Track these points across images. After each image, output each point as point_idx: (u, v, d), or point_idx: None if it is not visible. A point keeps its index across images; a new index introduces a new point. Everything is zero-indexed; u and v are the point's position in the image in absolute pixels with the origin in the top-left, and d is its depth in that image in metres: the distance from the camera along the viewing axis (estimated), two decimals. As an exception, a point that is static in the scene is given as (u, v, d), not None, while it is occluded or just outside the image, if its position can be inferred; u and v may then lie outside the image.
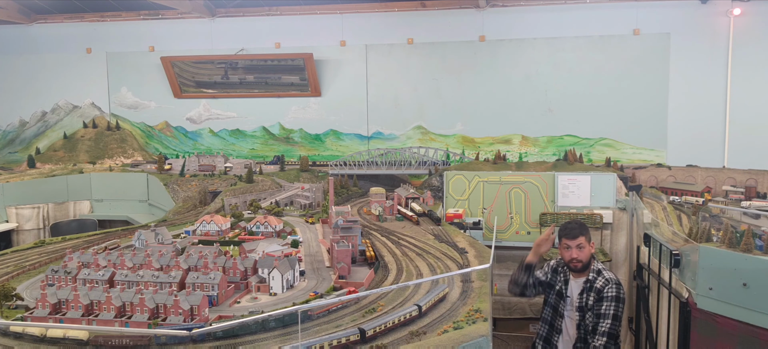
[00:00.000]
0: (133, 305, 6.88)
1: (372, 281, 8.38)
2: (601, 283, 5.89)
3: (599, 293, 5.80)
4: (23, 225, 14.79)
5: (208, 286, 7.46)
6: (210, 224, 11.10)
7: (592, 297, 5.83)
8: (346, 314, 6.45)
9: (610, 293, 5.79)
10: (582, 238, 5.99)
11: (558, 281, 6.25)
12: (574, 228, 6.04)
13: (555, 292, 6.24)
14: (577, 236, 5.98)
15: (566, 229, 6.07)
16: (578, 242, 5.98)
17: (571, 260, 6.04)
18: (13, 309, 7.29)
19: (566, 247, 6.06)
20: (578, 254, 5.96)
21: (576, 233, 6.00)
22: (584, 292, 5.91)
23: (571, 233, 6.02)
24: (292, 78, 17.02)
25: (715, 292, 6.67)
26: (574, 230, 6.02)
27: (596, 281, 5.92)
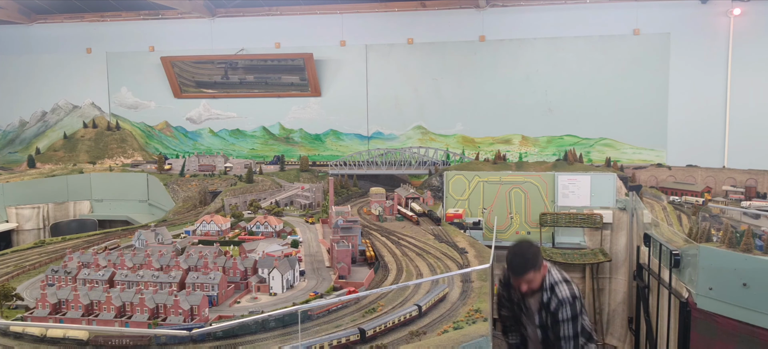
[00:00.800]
0: (133, 305, 6.89)
1: (372, 281, 8.39)
2: (554, 305, 5.31)
3: (554, 316, 5.30)
4: (23, 225, 14.79)
5: (208, 286, 7.46)
6: (210, 224, 11.10)
7: (550, 319, 5.35)
8: (346, 314, 6.45)
9: (564, 315, 5.27)
10: (530, 273, 5.25)
11: (514, 294, 5.60)
12: (519, 265, 5.24)
13: (514, 304, 5.67)
14: (523, 274, 5.24)
15: (511, 266, 5.32)
16: (526, 279, 5.27)
17: (523, 292, 5.44)
18: (13, 309, 7.29)
19: (515, 281, 5.42)
20: (528, 286, 5.32)
21: (521, 271, 5.24)
22: (541, 310, 5.42)
23: (517, 270, 5.26)
24: (292, 78, 17.01)
25: (715, 292, 6.67)
26: (519, 268, 5.24)
27: (550, 302, 5.35)
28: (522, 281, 5.26)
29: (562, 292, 5.30)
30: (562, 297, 5.29)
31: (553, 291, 5.32)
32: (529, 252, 5.26)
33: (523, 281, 5.26)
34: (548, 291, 5.34)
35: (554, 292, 5.32)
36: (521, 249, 5.30)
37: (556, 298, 5.30)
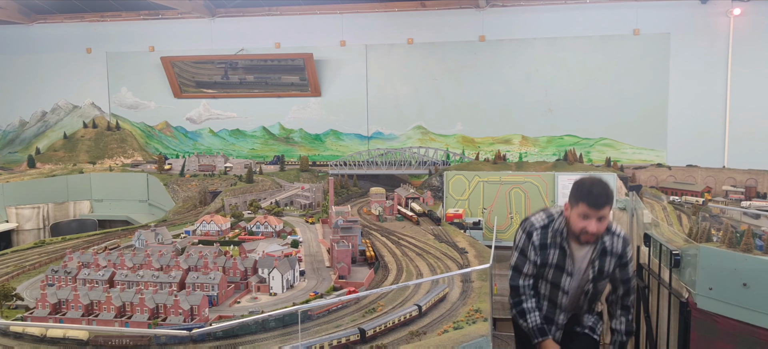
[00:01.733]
0: (133, 305, 6.89)
1: (372, 281, 8.39)
2: (621, 245, 4.56)
3: (621, 258, 4.57)
4: (23, 225, 14.79)
5: (208, 286, 7.46)
6: (210, 224, 11.10)
7: (613, 263, 4.57)
8: (346, 314, 6.45)
9: (629, 252, 4.62)
10: (607, 208, 4.31)
11: (551, 255, 4.64)
12: (601, 195, 4.26)
13: (552, 267, 4.66)
14: (602, 206, 4.26)
15: (590, 195, 4.28)
16: (601, 214, 4.31)
17: (584, 233, 4.39)
18: (13, 309, 7.29)
19: (584, 216, 4.37)
20: (597, 227, 4.34)
21: (602, 201, 4.25)
22: (597, 259, 4.55)
23: (597, 201, 4.26)
24: (292, 78, 17.01)
25: (715, 292, 6.67)
26: (601, 198, 4.25)
27: (613, 243, 4.56)
28: (596, 217, 4.32)
29: (621, 230, 4.63)
30: (618, 231, 4.61)
31: (612, 231, 4.60)
32: (609, 185, 4.34)
33: (597, 217, 4.33)
34: (608, 234, 4.58)
35: (614, 232, 4.60)
36: (602, 180, 4.37)
37: (618, 237, 4.59)
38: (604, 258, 4.58)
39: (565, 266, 4.62)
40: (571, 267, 4.64)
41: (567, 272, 4.64)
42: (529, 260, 4.71)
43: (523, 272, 4.75)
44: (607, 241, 4.55)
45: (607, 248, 4.56)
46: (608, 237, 4.56)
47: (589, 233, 4.35)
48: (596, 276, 4.63)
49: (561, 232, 4.60)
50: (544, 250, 4.64)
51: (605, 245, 4.55)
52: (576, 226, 4.42)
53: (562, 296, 4.75)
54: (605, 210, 4.29)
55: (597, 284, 4.71)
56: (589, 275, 4.65)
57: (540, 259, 4.65)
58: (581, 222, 4.37)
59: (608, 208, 4.31)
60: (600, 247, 4.54)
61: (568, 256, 4.60)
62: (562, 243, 4.58)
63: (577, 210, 4.38)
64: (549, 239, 4.64)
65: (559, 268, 4.65)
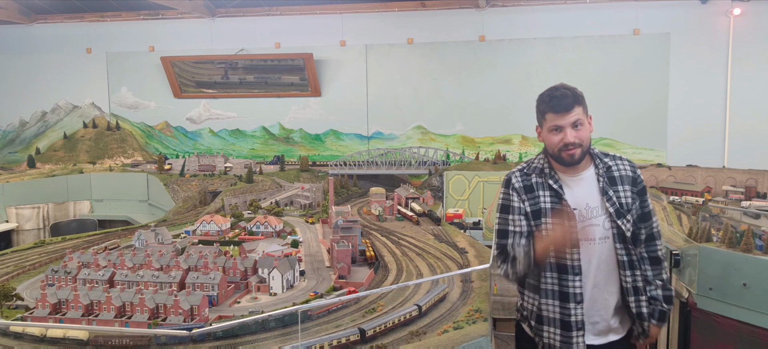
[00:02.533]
0: (133, 305, 6.89)
1: (372, 281, 8.39)
2: (620, 166, 3.67)
3: (634, 181, 3.62)
4: (23, 225, 14.79)
5: (208, 286, 7.46)
6: (210, 224, 11.10)
7: (629, 191, 3.57)
8: (346, 314, 6.46)
9: (641, 175, 3.72)
10: (578, 108, 3.53)
11: (542, 198, 3.59)
12: (565, 96, 3.54)
13: (548, 215, 3.53)
14: (570, 107, 3.49)
15: (553, 99, 3.55)
16: (574, 118, 3.51)
17: (565, 146, 3.51)
18: (13, 309, 7.29)
19: (555, 128, 3.56)
20: (575, 134, 3.49)
21: (569, 102, 3.50)
22: (609, 188, 3.55)
23: (560, 103, 3.51)
24: (292, 78, 17.01)
25: (715, 292, 6.67)
26: (566, 99, 3.52)
27: (616, 167, 3.67)
28: (568, 123, 3.47)
29: (621, 156, 3.78)
30: (618, 155, 3.77)
31: (612, 156, 3.76)
32: (571, 86, 3.63)
33: (569, 123, 3.48)
34: (602, 159, 3.69)
35: (614, 156, 3.76)
36: (563, 84, 3.67)
37: (621, 160, 3.72)
38: (616, 186, 3.56)
39: (563, 209, 3.50)
40: (572, 210, 3.48)
41: (568, 218, 3.49)
42: (514, 213, 3.59)
43: (510, 230, 3.59)
44: (610, 164, 3.65)
45: (616, 172, 3.62)
46: (610, 160, 3.68)
47: (569, 144, 3.44)
48: (619, 211, 3.49)
49: (543, 168, 3.64)
50: (531, 192, 3.59)
51: (611, 169, 3.62)
52: (553, 146, 3.53)
53: (575, 257, 3.44)
54: (576, 111, 3.47)
55: (623, 232, 3.49)
56: (607, 213, 3.50)
57: (529, 205, 3.56)
58: (556, 137, 3.49)
59: (580, 108, 3.49)
60: (605, 172, 3.59)
61: (564, 190, 3.54)
62: (549, 178, 3.57)
63: (547, 126, 3.57)
64: (533, 179, 3.62)
65: (553, 204, 3.53)
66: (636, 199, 3.62)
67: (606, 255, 3.54)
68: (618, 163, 3.69)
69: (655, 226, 3.71)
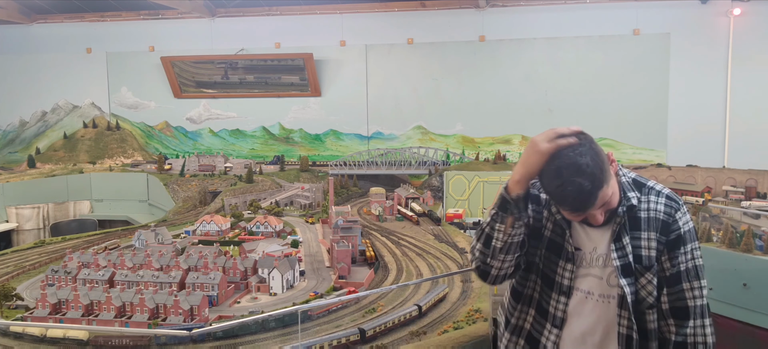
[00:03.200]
0: (133, 305, 6.89)
1: (372, 281, 8.39)
2: (653, 205, 2.60)
3: (668, 228, 2.56)
4: (23, 225, 14.79)
5: (208, 286, 7.46)
6: (210, 224, 11.10)
7: (656, 240, 2.56)
8: (346, 314, 6.46)
9: (684, 220, 2.58)
10: (600, 195, 2.46)
11: (546, 219, 2.75)
12: (581, 195, 2.44)
13: (544, 243, 2.75)
14: (589, 206, 2.47)
15: (565, 201, 2.49)
16: (600, 205, 2.51)
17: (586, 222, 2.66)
18: (13, 309, 7.29)
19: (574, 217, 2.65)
20: (598, 218, 2.55)
21: (586, 200, 2.45)
22: (624, 234, 2.58)
23: (576, 206, 2.48)
24: (292, 78, 17.01)
25: (715, 292, 6.66)
26: (581, 198, 2.44)
27: (647, 203, 2.61)
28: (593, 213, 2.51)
29: (662, 187, 2.67)
30: (670, 193, 2.63)
31: (647, 185, 2.65)
32: (591, 161, 2.46)
33: (594, 213, 2.52)
34: (626, 192, 2.60)
35: (650, 187, 2.65)
36: (579, 169, 2.42)
37: (658, 195, 2.61)
38: (637, 231, 2.54)
39: (564, 245, 2.65)
40: (575, 250, 2.63)
41: (567, 258, 2.63)
42: None
43: None
44: (635, 201, 2.54)
45: (641, 212, 2.55)
46: (638, 195, 2.58)
47: (594, 221, 2.53)
48: (628, 268, 2.53)
49: None
50: (538, 204, 2.73)
51: (635, 208, 2.56)
52: None
53: (560, 307, 2.67)
54: (598, 202, 2.44)
55: (637, 295, 2.57)
56: (613, 266, 2.54)
57: (532, 214, 2.70)
58: (575, 217, 2.57)
59: (603, 193, 2.43)
60: (626, 211, 2.55)
61: (570, 229, 2.63)
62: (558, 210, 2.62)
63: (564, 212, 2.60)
64: (542, 194, 2.74)
65: (555, 247, 2.67)
66: (662, 251, 2.52)
67: (605, 319, 2.60)
68: (650, 199, 2.57)
69: (699, 303, 2.58)
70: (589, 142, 2.56)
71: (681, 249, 2.55)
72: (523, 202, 2.55)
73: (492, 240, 2.61)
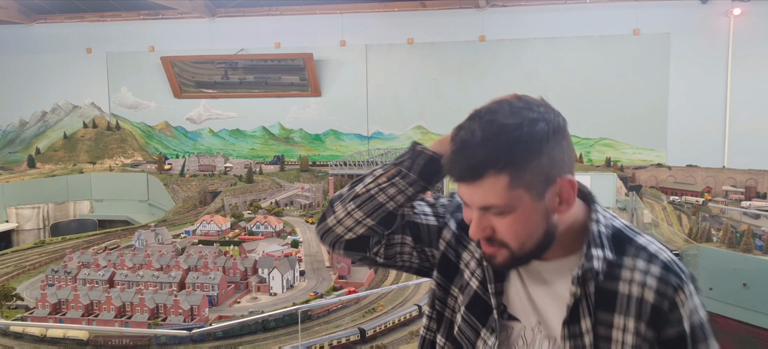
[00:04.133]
0: (133, 305, 6.89)
1: (372, 281, 8.39)
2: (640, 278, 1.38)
3: (657, 318, 1.38)
4: (23, 225, 14.78)
5: (208, 286, 7.46)
6: (210, 224, 11.10)
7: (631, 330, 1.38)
8: (346, 314, 6.46)
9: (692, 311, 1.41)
10: (499, 177, 1.30)
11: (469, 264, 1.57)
12: (461, 145, 1.36)
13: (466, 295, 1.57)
14: (475, 177, 1.32)
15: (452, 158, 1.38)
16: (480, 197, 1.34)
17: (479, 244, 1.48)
18: (13, 309, 7.29)
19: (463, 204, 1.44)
20: (483, 228, 1.37)
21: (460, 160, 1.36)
22: (583, 312, 1.40)
23: (452, 157, 1.39)
24: (292, 78, 17.00)
25: (715, 292, 6.66)
26: (457, 152, 1.37)
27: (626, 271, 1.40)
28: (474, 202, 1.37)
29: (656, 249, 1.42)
30: (669, 259, 1.43)
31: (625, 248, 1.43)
32: (507, 120, 1.34)
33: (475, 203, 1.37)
34: (595, 245, 1.40)
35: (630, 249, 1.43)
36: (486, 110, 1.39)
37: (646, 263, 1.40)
38: (607, 313, 1.42)
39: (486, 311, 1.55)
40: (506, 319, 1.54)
41: (491, 328, 1.53)
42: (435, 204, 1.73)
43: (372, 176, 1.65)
44: (596, 262, 1.39)
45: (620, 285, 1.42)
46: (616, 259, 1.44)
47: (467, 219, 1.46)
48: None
49: None
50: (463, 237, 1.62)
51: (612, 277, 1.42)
52: None
53: None
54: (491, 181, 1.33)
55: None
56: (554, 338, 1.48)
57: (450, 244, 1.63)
58: (467, 213, 1.48)
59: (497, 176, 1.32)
60: (593, 277, 1.41)
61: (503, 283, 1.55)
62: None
63: None
64: None
65: (478, 308, 1.56)
66: None
67: None
68: (637, 265, 1.44)
69: None
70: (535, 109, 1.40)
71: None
72: (428, 163, 1.57)
73: (358, 184, 1.63)
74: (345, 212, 1.63)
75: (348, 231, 1.62)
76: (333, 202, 1.69)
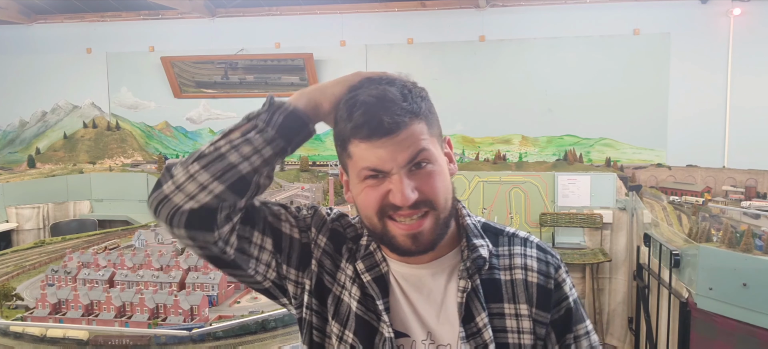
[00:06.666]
0: (133, 305, 6.88)
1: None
2: (521, 260, 1.51)
3: (544, 296, 1.49)
4: (23, 225, 14.79)
5: (208, 286, 7.46)
6: (210, 224, 11.09)
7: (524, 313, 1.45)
8: (346, 314, 6.45)
9: (571, 287, 1.56)
10: (418, 124, 1.44)
11: (345, 282, 1.51)
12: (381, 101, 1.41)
13: (348, 319, 1.47)
14: (400, 127, 1.38)
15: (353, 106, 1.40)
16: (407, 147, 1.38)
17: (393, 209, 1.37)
18: (13, 309, 7.29)
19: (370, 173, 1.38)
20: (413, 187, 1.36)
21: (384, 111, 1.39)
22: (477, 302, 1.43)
23: (367, 113, 1.37)
24: (292, 78, 17.01)
25: (715, 292, 6.67)
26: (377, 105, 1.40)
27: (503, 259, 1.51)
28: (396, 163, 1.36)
29: (525, 234, 1.61)
30: (541, 243, 1.59)
31: (498, 237, 1.56)
32: (406, 82, 1.70)
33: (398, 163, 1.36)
34: (473, 239, 1.49)
35: (502, 238, 1.56)
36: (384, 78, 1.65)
37: (528, 245, 1.56)
38: (499, 304, 1.46)
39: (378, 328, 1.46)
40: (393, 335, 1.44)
41: (384, 338, 1.43)
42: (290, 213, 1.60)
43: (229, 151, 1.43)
44: (483, 250, 1.49)
45: (501, 273, 1.50)
46: (495, 248, 1.54)
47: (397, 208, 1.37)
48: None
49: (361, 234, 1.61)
50: (336, 253, 1.56)
51: (494, 267, 1.51)
52: (369, 212, 1.42)
53: None
54: (414, 129, 1.43)
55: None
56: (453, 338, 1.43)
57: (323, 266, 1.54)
58: (372, 193, 1.39)
59: (421, 125, 1.47)
60: (476, 269, 1.46)
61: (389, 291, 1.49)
62: (362, 258, 1.52)
63: (354, 167, 1.44)
64: (348, 234, 1.61)
65: (365, 331, 1.45)
66: (545, 337, 1.50)
67: None
68: (514, 251, 1.54)
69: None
70: None
71: (574, 331, 1.51)
72: (289, 118, 1.39)
73: (205, 145, 1.48)
74: (186, 175, 1.41)
75: (189, 199, 1.37)
76: (170, 167, 1.50)
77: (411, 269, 1.50)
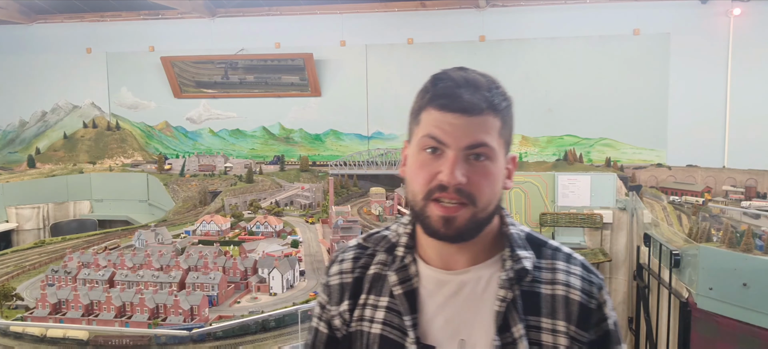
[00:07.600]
0: (133, 305, 6.88)
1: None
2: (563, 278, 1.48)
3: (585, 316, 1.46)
4: (23, 225, 14.78)
5: (208, 286, 7.46)
6: (210, 224, 11.10)
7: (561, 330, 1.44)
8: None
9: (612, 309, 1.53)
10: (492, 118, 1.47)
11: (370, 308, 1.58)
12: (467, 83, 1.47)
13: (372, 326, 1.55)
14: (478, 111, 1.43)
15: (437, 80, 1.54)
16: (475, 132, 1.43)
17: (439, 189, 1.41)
18: (13, 309, 7.28)
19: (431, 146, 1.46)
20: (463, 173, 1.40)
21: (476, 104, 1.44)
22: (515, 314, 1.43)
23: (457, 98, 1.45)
24: (292, 78, 17.00)
25: (715, 292, 6.67)
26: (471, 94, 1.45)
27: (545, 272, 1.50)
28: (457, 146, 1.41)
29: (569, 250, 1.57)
30: (583, 259, 1.56)
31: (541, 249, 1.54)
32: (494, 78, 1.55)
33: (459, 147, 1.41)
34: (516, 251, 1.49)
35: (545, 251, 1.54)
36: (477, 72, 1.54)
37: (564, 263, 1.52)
38: (537, 318, 1.47)
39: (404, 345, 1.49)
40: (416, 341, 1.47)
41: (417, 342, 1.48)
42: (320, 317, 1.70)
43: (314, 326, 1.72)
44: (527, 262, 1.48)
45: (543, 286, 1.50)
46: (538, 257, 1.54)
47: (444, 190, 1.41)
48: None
49: (396, 244, 1.64)
50: (357, 287, 1.63)
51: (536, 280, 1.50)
52: (417, 189, 1.47)
53: None
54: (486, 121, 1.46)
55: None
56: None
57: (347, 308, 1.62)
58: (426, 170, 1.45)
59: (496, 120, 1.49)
60: (517, 280, 1.47)
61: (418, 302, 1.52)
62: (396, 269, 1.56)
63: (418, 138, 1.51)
64: (371, 271, 1.64)
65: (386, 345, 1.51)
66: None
67: None
68: (557, 266, 1.52)
69: None
70: None
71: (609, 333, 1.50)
72: None
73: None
74: None
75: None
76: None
77: (448, 276, 1.51)
